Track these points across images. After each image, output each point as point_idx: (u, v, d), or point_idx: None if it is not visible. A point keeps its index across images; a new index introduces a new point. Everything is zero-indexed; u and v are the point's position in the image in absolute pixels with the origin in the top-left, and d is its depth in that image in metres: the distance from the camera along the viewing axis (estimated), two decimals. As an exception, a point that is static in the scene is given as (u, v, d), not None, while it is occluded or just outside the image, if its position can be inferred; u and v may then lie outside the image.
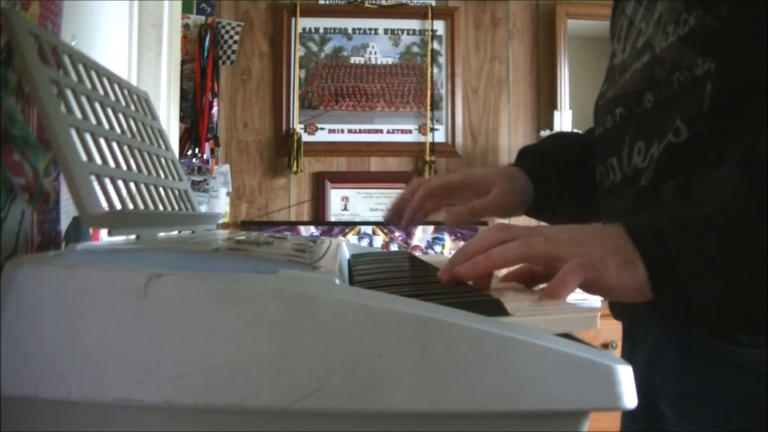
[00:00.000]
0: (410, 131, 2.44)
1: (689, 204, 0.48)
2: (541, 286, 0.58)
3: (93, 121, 0.61)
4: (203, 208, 2.09)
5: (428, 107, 2.43)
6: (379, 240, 2.37)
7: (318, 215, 2.40)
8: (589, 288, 0.48)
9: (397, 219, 0.75)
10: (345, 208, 2.41)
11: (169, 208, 0.76)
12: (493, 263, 0.48)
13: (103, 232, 0.52)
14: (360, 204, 2.42)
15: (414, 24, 2.47)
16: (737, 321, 0.52)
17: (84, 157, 0.54)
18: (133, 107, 0.78)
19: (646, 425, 0.62)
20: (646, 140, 0.59)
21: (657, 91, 0.59)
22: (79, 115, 0.59)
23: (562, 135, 0.82)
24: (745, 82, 0.52)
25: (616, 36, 0.71)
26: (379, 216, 2.41)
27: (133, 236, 0.57)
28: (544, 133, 2.33)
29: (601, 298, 0.66)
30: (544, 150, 0.80)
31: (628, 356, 0.66)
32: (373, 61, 2.46)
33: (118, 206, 0.58)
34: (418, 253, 1.64)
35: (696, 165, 0.53)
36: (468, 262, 0.49)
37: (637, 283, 0.47)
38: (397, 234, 2.38)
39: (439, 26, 2.47)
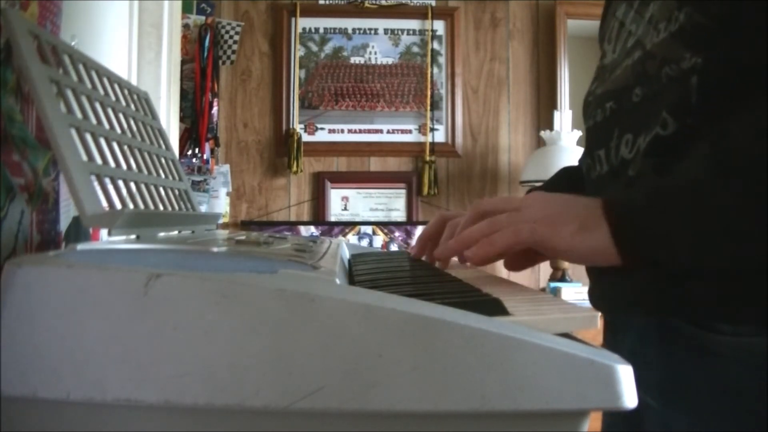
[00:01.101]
0: (410, 131, 2.44)
1: (661, 176, 0.52)
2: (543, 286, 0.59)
3: (93, 120, 0.61)
4: (203, 208, 2.09)
5: (428, 107, 2.43)
6: (379, 240, 2.37)
7: (318, 215, 2.40)
8: (538, 248, 0.53)
9: (422, 254, 0.75)
10: (345, 208, 2.41)
11: (169, 208, 0.76)
12: (491, 250, 0.54)
13: (103, 232, 0.52)
14: (360, 204, 2.42)
15: (414, 24, 2.47)
16: (710, 300, 0.53)
17: (84, 157, 0.54)
18: (133, 107, 0.78)
19: (628, 416, 0.63)
20: (634, 133, 0.61)
21: (646, 85, 0.60)
22: (79, 114, 0.59)
23: (571, 171, 0.82)
24: (731, 77, 0.53)
25: (606, 38, 0.73)
26: (379, 216, 2.41)
27: (133, 236, 0.57)
28: (544, 133, 2.33)
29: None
30: (554, 190, 0.81)
31: (610, 348, 0.66)
32: (373, 61, 2.46)
33: (118, 206, 0.58)
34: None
35: (682, 158, 0.55)
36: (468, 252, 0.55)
37: (591, 246, 0.52)
38: (397, 234, 2.38)
39: (439, 26, 2.47)
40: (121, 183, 0.61)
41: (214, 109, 2.24)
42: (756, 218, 0.46)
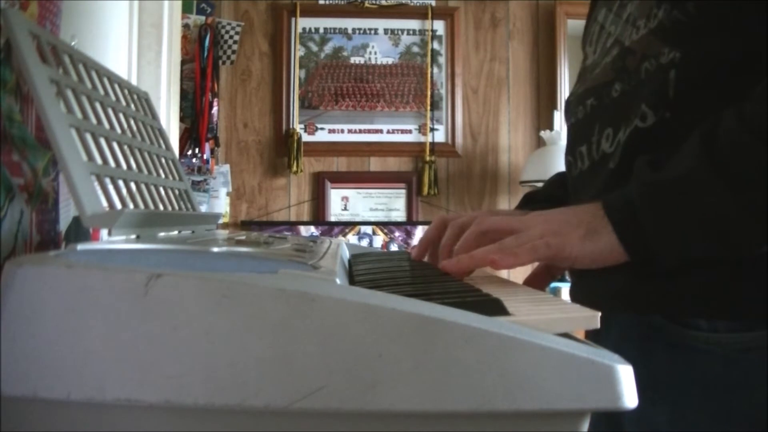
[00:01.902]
0: (410, 131, 2.44)
1: (656, 172, 0.53)
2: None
3: (93, 121, 0.61)
4: (203, 208, 2.09)
5: (428, 107, 2.44)
6: (379, 240, 2.37)
7: (318, 215, 2.40)
8: (555, 260, 0.54)
9: (423, 257, 0.75)
10: (345, 208, 2.41)
11: (169, 208, 0.76)
12: (508, 263, 0.54)
13: (103, 232, 0.52)
14: (360, 204, 2.42)
15: (414, 24, 2.47)
16: (699, 296, 0.55)
17: (84, 157, 0.54)
18: (133, 107, 0.78)
19: (610, 414, 0.63)
20: (615, 127, 0.62)
21: (625, 80, 0.62)
22: (79, 114, 0.59)
23: (564, 176, 0.83)
24: (708, 71, 0.55)
25: (588, 41, 0.75)
26: (379, 216, 2.41)
27: (133, 236, 0.57)
28: (544, 134, 2.33)
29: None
30: (549, 195, 0.82)
31: None
32: (373, 61, 2.46)
33: (118, 206, 0.58)
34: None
35: (662, 150, 0.56)
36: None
37: (601, 249, 0.53)
38: (397, 234, 2.38)
39: (439, 26, 2.47)
40: (121, 183, 0.61)
41: (214, 109, 2.24)
42: (749, 207, 0.48)
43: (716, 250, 0.50)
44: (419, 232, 2.36)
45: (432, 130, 2.43)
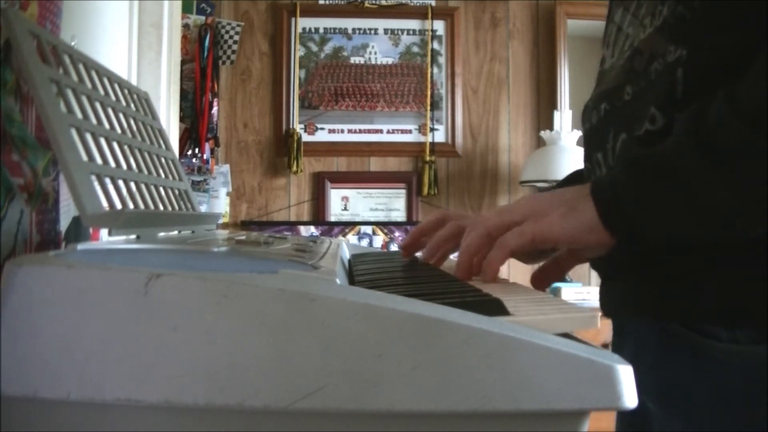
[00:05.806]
0: (410, 131, 2.44)
1: (641, 150, 0.53)
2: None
3: (93, 121, 0.61)
4: (203, 208, 2.09)
5: (428, 107, 2.43)
6: (379, 240, 2.37)
7: (318, 215, 2.40)
8: (539, 243, 0.54)
9: (413, 246, 0.74)
10: (345, 208, 2.41)
11: (169, 208, 0.76)
12: (492, 270, 0.56)
13: (103, 232, 0.52)
14: (360, 204, 2.42)
15: (414, 24, 2.47)
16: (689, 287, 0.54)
17: (84, 157, 0.54)
18: (133, 107, 0.78)
19: (633, 420, 0.63)
20: (628, 131, 0.61)
21: (635, 83, 0.61)
22: (79, 114, 0.59)
23: (578, 176, 0.83)
24: (715, 69, 0.54)
25: (606, 43, 0.73)
26: (379, 216, 2.41)
27: (133, 236, 0.57)
28: (544, 134, 2.33)
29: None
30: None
31: (615, 351, 0.66)
32: (373, 61, 2.46)
33: (118, 206, 0.58)
34: (417, 253, 1.63)
35: None
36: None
37: (582, 225, 0.53)
38: (397, 234, 2.38)
39: (439, 26, 2.47)
40: (121, 183, 0.61)
41: (214, 109, 2.24)
42: (731, 189, 0.47)
43: (696, 230, 0.50)
44: (419, 232, 2.35)
45: (432, 130, 2.43)
